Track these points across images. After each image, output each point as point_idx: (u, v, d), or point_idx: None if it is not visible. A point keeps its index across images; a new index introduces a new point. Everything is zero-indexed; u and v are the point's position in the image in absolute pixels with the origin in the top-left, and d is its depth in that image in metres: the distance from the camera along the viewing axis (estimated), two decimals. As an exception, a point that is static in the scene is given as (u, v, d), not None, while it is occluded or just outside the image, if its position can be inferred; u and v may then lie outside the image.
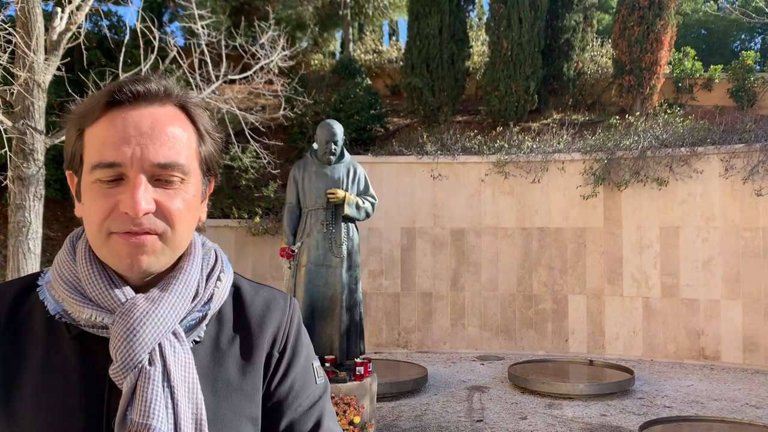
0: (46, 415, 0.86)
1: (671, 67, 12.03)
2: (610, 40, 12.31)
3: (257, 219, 8.87)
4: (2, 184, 5.48)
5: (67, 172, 0.96)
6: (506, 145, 9.24)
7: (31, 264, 5.36)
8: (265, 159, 7.54)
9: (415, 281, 9.19)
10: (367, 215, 5.16)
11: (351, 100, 11.48)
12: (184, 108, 0.94)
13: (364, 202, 5.10)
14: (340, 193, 4.96)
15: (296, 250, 5.00)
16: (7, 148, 5.38)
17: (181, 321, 0.90)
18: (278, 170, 8.43)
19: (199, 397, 0.88)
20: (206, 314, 0.93)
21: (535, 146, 9.17)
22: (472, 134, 9.84)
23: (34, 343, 0.90)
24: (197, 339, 0.93)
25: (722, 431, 5.15)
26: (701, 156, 8.22)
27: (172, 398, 0.85)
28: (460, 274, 9.14)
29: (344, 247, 5.03)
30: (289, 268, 5.10)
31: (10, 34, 5.33)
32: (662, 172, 8.36)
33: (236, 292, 1.01)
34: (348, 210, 4.98)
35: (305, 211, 5.07)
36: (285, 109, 8.13)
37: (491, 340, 9.03)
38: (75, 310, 0.88)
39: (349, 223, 5.10)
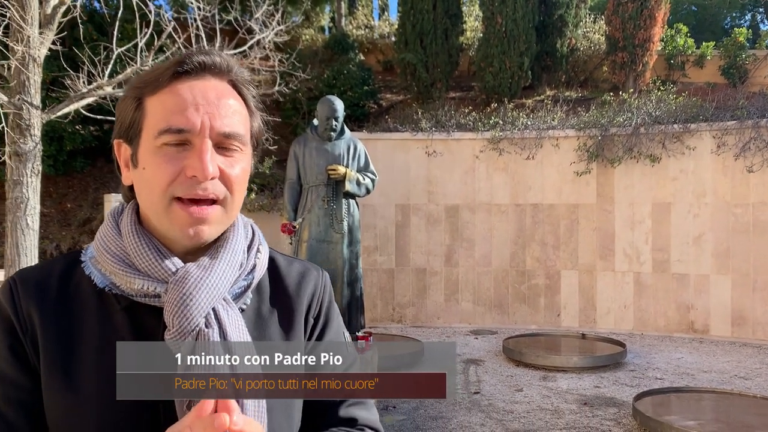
0: (106, 385, 0.88)
1: (663, 44, 12.07)
2: (603, 17, 12.30)
3: (253, 195, 8.87)
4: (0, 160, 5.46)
5: (116, 141, 0.98)
6: (501, 122, 9.27)
7: (30, 240, 5.35)
8: (263, 135, 7.51)
9: (409, 257, 9.26)
10: (368, 191, 5.20)
11: (344, 76, 11.43)
12: (235, 85, 0.97)
13: (364, 179, 5.14)
14: (341, 169, 4.99)
15: (297, 226, 5.04)
16: (3, 124, 5.34)
17: (229, 289, 0.94)
18: (274, 147, 8.41)
19: (255, 355, 0.90)
20: (251, 283, 0.98)
21: (529, 123, 9.21)
22: (466, 111, 9.85)
23: (87, 316, 0.93)
24: (243, 307, 0.97)
25: (713, 401, 5.30)
26: (694, 133, 8.30)
27: (230, 356, 0.87)
28: (454, 250, 9.22)
29: (345, 223, 5.07)
30: (291, 243, 5.14)
31: (3, 7, 5.26)
32: (655, 148, 8.44)
33: (272, 264, 1.06)
34: (349, 186, 5.01)
35: (306, 187, 5.10)
36: (280, 84, 8.08)
37: (484, 315, 9.16)
38: (125, 281, 0.91)
39: (350, 199, 5.14)
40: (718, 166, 8.17)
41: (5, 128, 5.40)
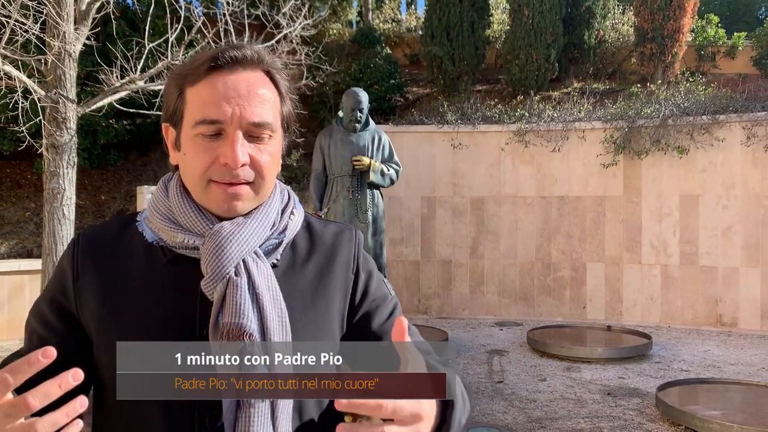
0: (148, 323, 1.02)
1: (694, 34, 11.90)
2: (631, 8, 12.17)
3: (280, 187, 9.00)
4: (37, 152, 5.67)
5: (164, 125, 1.11)
6: (527, 114, 9.25)
7: (66, 229, 5.53)
8: (293, 117, 7.61)
9: (435, 249, 9.32)
10: (392, 182, 5.27)
11: (371, 69, 11.50)
12: (269, 73, 1.08)
13: (388, 169, 5.21)
14: (366, 160, 5.07)
15: (323, 216, 5.14)
16: (41, 117, 5.53)
17: (261, 245, 1.06)
18: (301, 139, 8.52)
19: (282, 303, 1.02)
20: (282, 241, 1.09)
21: (555, 115, 9.19)
22: (492, 103, 9.85)
23: (136, 266, 1.07)
24: (275, 262, 1.09)
25: (739, 393, 5.27)
26: (723, 124, 8.20)
27: (257, 302, 0.99)
28: (479, 243, 9.25)
29: (369, 213, 5.15)
30: (316, 233, 5.25)
31: (41, 3, 5.44)
32: (683, 140, 8.36)
33: (308, 225, 1.18)
34: (373, 177, 5.09)
35: (331, 178, 5.19)
36: (307, 78, 8.19)
37: (509, 307, 9.18)
38: (169, 236, 1.05)
39: (374, 190, 5.22)
40: (748, 158, 8.06)
41: (43, 121, 5.59)
